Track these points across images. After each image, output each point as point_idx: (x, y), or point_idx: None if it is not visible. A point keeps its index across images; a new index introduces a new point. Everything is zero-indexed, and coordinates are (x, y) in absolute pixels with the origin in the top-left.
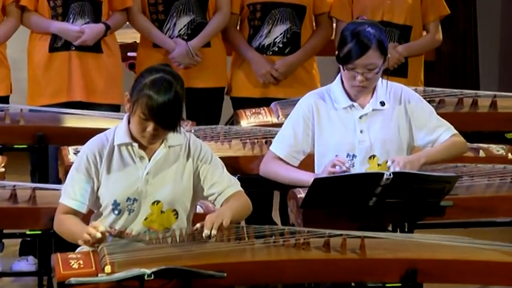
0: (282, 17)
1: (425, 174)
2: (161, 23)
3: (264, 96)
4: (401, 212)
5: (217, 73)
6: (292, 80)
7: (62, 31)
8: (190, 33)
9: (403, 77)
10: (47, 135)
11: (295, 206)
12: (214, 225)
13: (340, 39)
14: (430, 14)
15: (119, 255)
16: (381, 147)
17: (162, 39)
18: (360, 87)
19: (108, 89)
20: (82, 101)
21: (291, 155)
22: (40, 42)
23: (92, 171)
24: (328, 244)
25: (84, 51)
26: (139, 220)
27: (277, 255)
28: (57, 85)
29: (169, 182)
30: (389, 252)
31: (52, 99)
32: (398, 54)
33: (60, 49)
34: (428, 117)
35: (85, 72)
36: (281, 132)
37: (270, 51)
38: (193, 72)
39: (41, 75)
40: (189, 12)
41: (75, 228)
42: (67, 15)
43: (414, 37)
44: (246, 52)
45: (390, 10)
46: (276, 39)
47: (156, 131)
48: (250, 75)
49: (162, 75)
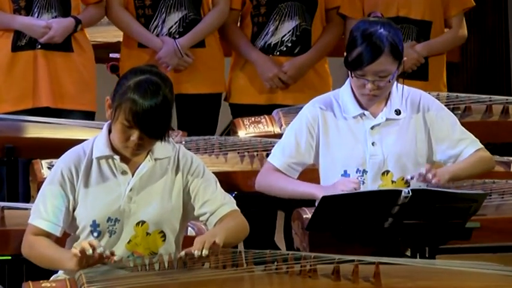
0: (291, 12)
1: (449, 191)
2: (148, 19)
3: (270, 103)
4: (422, 235)
5: (212, 77)
6: (302, 84)
7: (26, 27)
8: (182, 31)
9: (423, 80)
10: (17, 147)
11: (301, 227)
12: (205, 244)
13: (349, 40)
14: (453, 7)
15: (99, 284)
16: (396, 162)
17: (146, 37)
18: (370, 96)
19: (79, 93)
20: (49, 107)
21: (291, 167)
22: (1, 40)
23: (67, 189)
24: (337, 271)
25: (51, 49)
26: (122, 243)
27: (280, 285)
28: (21, 89)
29: (156, 200)
30: (408, 280)
31: (15, 105)
32: (416, 54)
33: (24, 48)
34: (450, 128)
35: (53, 74)
36: (282, 142)
37: (277, 51)
38: (184, 75)
39: (2, 79)
40: (181, 7)
41: (50, 251)
42: (31, 10)
43: (435, 34)
44: (249, 53)
45: (406, 4)
46: (284, 38)
47: (141, 140)
48: (253, 79)
49: (148, 76)
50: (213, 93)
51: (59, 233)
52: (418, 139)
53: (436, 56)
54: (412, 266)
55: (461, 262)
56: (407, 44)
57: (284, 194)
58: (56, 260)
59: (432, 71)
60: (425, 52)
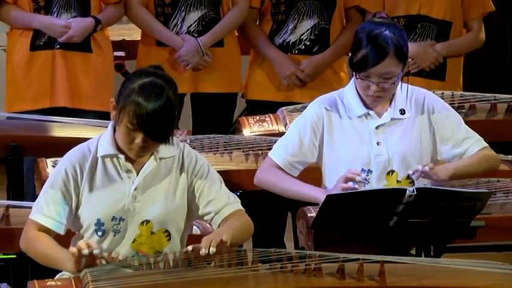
0: (309, 11)
1: (454, 190)
2: (168, 17)
3: (288, 101)
4: (427, 234)
5: (229, 76)
6: (320, 82)
7: (46, 26)
8: (201, 30)
9: (440, 80)
10: (22, 146)
11: (305, 226)
12: (212, 242)
13: (355, 41)
14: (473, 10)
15: (105, 283)
16: (401, 161)
17: (167, 36)
18: (374, 97)
19: (97, 94)
20: (67, 107)
21: (292, 165)
22: (20, 40)
23: (71, 187)
24: (342, 270)
25: (70, 49)
26: (127, 242)
27: (285, 283)
28: (39, 88)
29: (160, 199)
30: (413, 279)
31: (33, 104)
32: (436, 53)
33: (42, 47)
34: (455, 127)
35: (71, 74)
36: (285, 138)
37: (296, 50)
38: (203, 74)
39: (20, 77)
40: (200, 6)
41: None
42: (50, 9)
43: (454, 35)
44: (268, 50)
45: (428, 3)
46: (303, 36)
47: (146, 142)
48: (271, 76)
49: (153, 79)
50: (229, 93)
51: (62, 231)
52: (423, 138)
53: (454, 58)
54: (417, 265)
55: (466, 261)
56: (427, 42)
57: (285, 194)
58: (54, 259)
59: (450, 71)
60: (445, 52)
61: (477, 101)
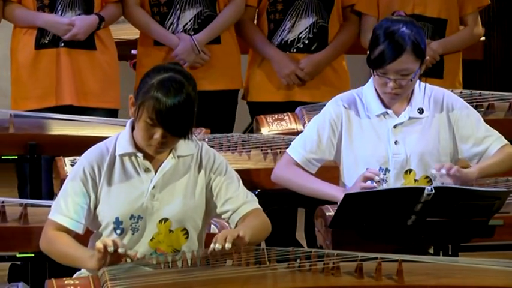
0: (307, 9)
1: (472, 189)
2: (163, 16)
3: (288, 100)
4: (445, 233)
5: (228, 73)
6: (320, 81)
7: (50, 24)
8: (197, 28)
9: (438, 78)
10: (40, 145)
11: (323, 225)
12: (228, 237)
13: (372, 39)
14: (468, 5)
15: (123, 281)
16: (419, 160)
17: (163, 35)
18: (392, 95)
19: (103, 91)
20: (73, 105)
21: (310, 162)
22: (25, 38)
23: (89, 186)
24: (360, 269)
25: (74, 47)
26: (145, 240)
27: (303, 282)
28: (44, 87)
29: (179, 197)
30: (431, 278)
31: (39, 103)
32: (432, 52)
33: (47, 46)
34: (475, 126)
35: (76, 72)
36: (303, 135)
37: (294, 48)
38: (200, 72)
39: (26, 76)
40: (196, 3)
41: (70, 250)
42: (55, 7)
43: (450, 32)
44: (266, 49)
45: (422, 2)
46: (301, 35)
47: (165, 138)
48: (271, 76)
49: (172, 74)
50: (229, 90)
51: (81, 231)
52: (442, 138)
53: (452, 54)
54: (435, 264)
55: (484, 260)
56: None
57: (302, 191)
58: (76, 258)
59: (447, 68)
60: (441, 50)
61: (496, 99)
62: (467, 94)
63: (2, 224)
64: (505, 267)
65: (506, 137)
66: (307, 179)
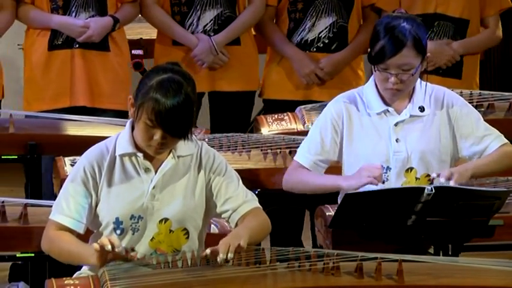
0: (328, 9)
1: (472, 189)
2: (183, 16)
3: (307, 99)
4: (445, 233)
5: (247, 75)
6: (338, 80)
7: (64, 26)
8: (217, 28)
9: (457, 78)
10: (40, 144)
11: (323, 225)
12: (230, 247)
13: (373, 35)
14: (490, 7)
15: (123, 281)
16: (420, 158)
17: (182, 35)
18: (393, 90)
19: (115, 92)
20: (86, 106)
21: (317, 164)
22: (38, 39)
23: (90, 185)
24: (360, 269)
25: (88, 49)
26: (145, 240)
27: (303, 282)
28: (58, 88)
29: (179, 197)
30: (431, 278)
31: (52, 104)
32: (452, 52)
33: (61, 47)
34: (475, 124)
35: (90, 74)
36: (307, 139)
37: (314, 48)
38: (219, 73)
39: (39, 77)
40: (216, 4)
41: (72, 247)
42: (69, 8)
43: (471, 33)
44: (286, 48)
45: (445, 1)
46: (321, 34)
47: (164, 139)
48: (290, 75)
49: (171, 75)
50: (247, 91)
51: (82, 230)
52: (442, 136)
53: (471, 55)
54: (435, 264)
55: (484, 260)
56: (443, 41)
57: (310, 189)
58: (77, 254)
59: (466, 69)
60: (461, 50)
61: (495, 99)
62: (467, 94)
63: (2, 224)
64: (505, 267)
65: (506, 137)
66: (311, 176)
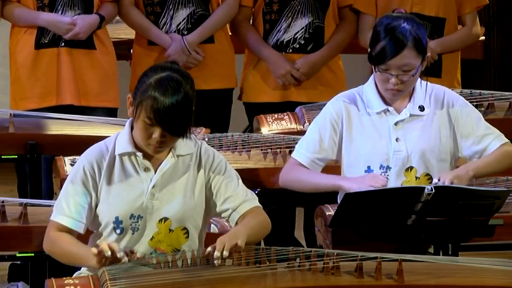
0: (303, 9)
1: (472, 188)
2: (157, 16)
3: (284, 100)
4: (445, 232)
5: (223, 72)
6: (316, 81)
7: (51, 23)
8: (190, 27)
9: (436, 77)
10: (39, 144)
11: (323, 225)
12: (226, 245)
13: (373, 35)
14: (466, 5)
15: (122, 281)
16: (420, 157)
17: (156, 35)
18: (394, 91)
19: (103, 90)
20: (73, 105)
21: (315, 162)
22: (24, 37)
23: (90, 185)
24: (360, 268)
25: (75, 47)
26: (145, 240)
27: (303, 281)
28: (45, 87)
29: (179, 197)
30: (431, 277)
31: (39, 103)
32: (430, 51)
33: (47, 45)
34: (475, 124)
35: (76, 72)
36: (305, 137)
37: (290, 49)
38: (194, 71)
39: (26, 76)
40: (189, 3)
41: (73, 248)
42: (55, 7)
43: (448, 31)
44: (262, 50)
45: (420, 1)
46: (297, 35)
47: (164, 137)
48: (267, 77)
49: (169, 73)
50: (224, 89)
51: (82, 230)
52: (443, 135)
53: (450, 53)
54: (435, 263)
55: (484, 259)
56: None
57: (308, 188)
58: (78, 256)
59: (446, 67)
60: (439, 49)
61: (495, 99)
62: (467, 94)
63: (2, 224)
64: (504, 267)
65: (506, 137)
66: (310, 175)
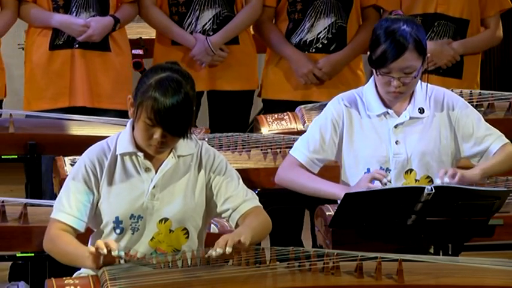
0: (327, 10)
1: (472, 188)
2: (182, 16)
3: (305, 100)
4: (445, 232)
5: (245, 74)
6: (337, 81)
7: (65, 25)
8: (216, 28)
9: (457, 78)
10: (40, 144)
11: (323, 225)
12: (229, 242)
13: (372, 38)
14: (491, 7)
15: (122, 281)
16: (419, 160)
17: (180, 35)
18: (395, 93)
19: (116, 92)
20: (86, 107)
21: (313, 162)
22: (39, 39)
23: (92, 183)
24: (360, 268)
25: (89, 49)
26: (145, 240)
27: (303, 281)
28: (58, 88)
29: (179, 197)
30: (431, 277)
31: (52, 104)
32: (453, 52)
33: (61, 47)
34: (476, 125)
35: (90, 74)
36: (305, 136)
37: (313, 48)
38: (218, 72)
39: (39, 77)
40: (214, 4)
41: (71, 248)
42: (69, 8)
43: (471, 33)
44: (284, 49)
45: (445, 1)
46: (320, 35)
47: (164, 138)
48: (289, 75)
49: (169, 74)
50: (245, 90)
51: (83, 229)
52: (443, 137)
53: (472, 55)
54: (435, 263)
55: (484, 259)
56: (444, 40)
57: (306, 192)
58: (74, 256)
59: (467, 69)
60: (462, 50)
61: (495, 99)
62: (467, 94)
63: (2, 224)
64: (504, 267)
65: (506, 136)
66: (309, 179)
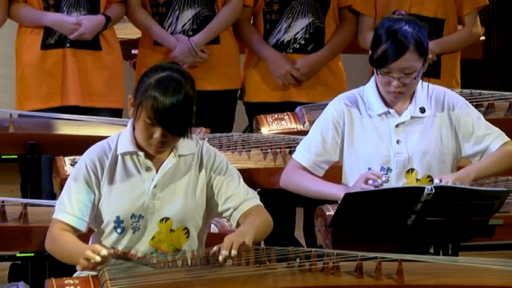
0: (304, 10)
1: (472, 188)
2: (162, 16)
3: (284, 100)
4: (445, 232)
5: (228, 73)
6: (316, 81)
7: (57, 23)
8: (196, 28)
9: (435, 78)
10: (39, 144)
11: (323, 225)
12: (234, 244)
13: (374, 38)
14: (466, 5)
15: (123, 281)
16: (420, 159)
17: (162, 36)
18: (395, 93)
19: (108, 91)
20: (78, 106)
21: (317, 165)
22: (31, 38)
23: (93, 182)
24: (360, 268)
25: (80, 48)
26: (146, 240)
27: (303, 281)
28: (50, 87)
29: (180, 197)
30: (431, 277)
31: (44, 103)
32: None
33: (53, 46)
34: (476, 124)
35: (82, 73)
36: (307, 138)
37: (290, 49)
38: (200, 72)
39: (31, 76)
40: (194, 4)
41: (72, 246)
42: (60, 7)
43: (448, 32)
44: (262, 50)
45: (419, 1)
46: (297, 35)
47: (164, 137)
48: (267, 77)
49: (169, 73)
50: (229, 90)
51: (84, 229)
52: (444, 136)
53: (449, 54)
54: (435, 263)
55: (484, 259)
56: None
57: (309, 194)
58: (76, 255)
59: (444, 68)
60: (438, 49)
61: (495, 99)
62: (467, 94)
63: (2, 224)
64: (504, 267)
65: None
66: (313, 182)
